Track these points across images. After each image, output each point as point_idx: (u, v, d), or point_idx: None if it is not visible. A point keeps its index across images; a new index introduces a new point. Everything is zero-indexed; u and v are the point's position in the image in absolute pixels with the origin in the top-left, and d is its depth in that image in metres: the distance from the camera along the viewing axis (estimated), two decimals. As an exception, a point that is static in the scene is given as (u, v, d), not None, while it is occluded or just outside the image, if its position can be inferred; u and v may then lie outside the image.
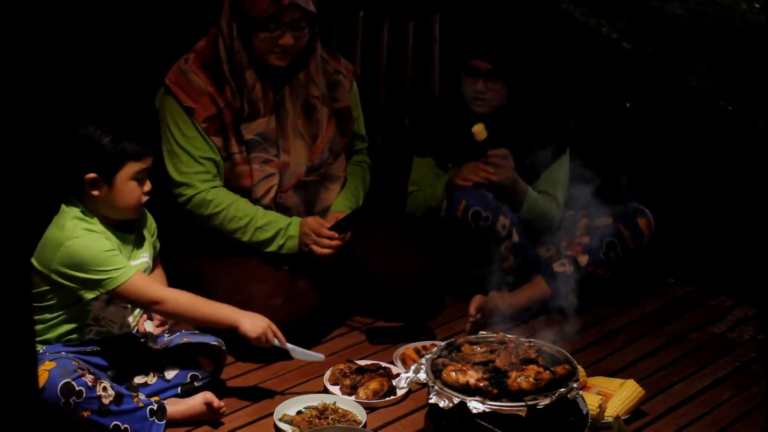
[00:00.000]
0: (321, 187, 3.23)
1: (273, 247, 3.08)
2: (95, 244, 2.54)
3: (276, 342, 2.73)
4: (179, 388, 2.71)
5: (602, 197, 3.26)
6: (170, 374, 2.71)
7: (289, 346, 2.77)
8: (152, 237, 2.81)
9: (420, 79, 3.94)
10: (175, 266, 2.95)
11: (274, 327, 2.72)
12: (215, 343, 2.79)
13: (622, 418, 2.60)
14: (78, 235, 2.53)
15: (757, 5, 3.85)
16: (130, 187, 2.60)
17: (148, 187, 2.65)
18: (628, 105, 3.90)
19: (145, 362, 2.73)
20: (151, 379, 2.70)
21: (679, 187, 3.79)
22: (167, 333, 2.80)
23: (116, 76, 3.33)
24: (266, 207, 3.12)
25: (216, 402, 2.66)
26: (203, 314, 2.66)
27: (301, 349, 2.82)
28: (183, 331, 2.84)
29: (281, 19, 2.96)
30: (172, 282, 2.80)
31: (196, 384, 2.74)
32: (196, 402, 2.65)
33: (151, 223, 2.81)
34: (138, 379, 2.70)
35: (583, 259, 3.33)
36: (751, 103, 3.71)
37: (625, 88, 3.91)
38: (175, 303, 2.61)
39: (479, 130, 3.16)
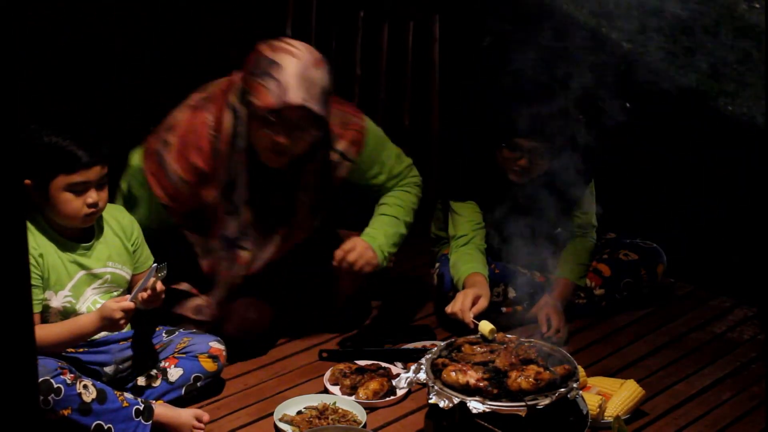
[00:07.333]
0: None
1: None
2: None
3: (138, 305, 2.53)
4: (183, 390, 2.72)
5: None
6: (174, 376, 2.71)
7: (130, 297, 2.56)
8: (130, 243, 2.72)
9: (420, 79, 3.94)
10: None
11: (122, 305, 2.49)
12: (216, 344, 2.79)
13: (622, 418, 2.60)
14: None
15: (757, 5, 3.85)
16: (64, 198, 2.50)
17: (92, 198, 2.52)
18: (628, 105, 3.90)
19: (148, 362, 2.72)
20: (155, 382, 2.70)
21: (678, 187, 3.78)
22: (165, 333, 2.80)
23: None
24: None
25: (205, 417, 2.61)
26: (59, 337, 2.50)
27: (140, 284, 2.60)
28: (182, 331, 2.84)
29: (282, 115, 2.66)
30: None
31: (199, 384, 2.74)
32: (186, 415, 2.59)
33: (127, 229, 2.72)
34: (141, 381, 2.70)
35: (599, 293, 3.34)
36: (750, 103, 3.71)
37: (625, 88, 3.90)
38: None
39: (487, 329, 2.59)
